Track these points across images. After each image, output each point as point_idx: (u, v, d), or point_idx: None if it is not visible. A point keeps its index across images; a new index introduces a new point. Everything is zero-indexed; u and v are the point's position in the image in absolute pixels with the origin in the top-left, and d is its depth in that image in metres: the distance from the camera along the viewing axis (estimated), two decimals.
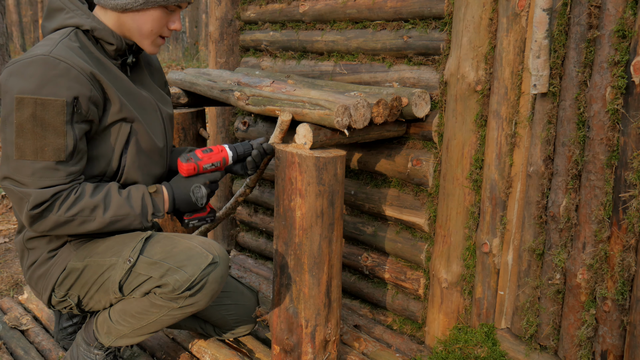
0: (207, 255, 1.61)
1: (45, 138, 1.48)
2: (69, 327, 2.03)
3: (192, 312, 1.67)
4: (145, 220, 1.64)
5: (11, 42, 20.47)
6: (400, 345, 2.22)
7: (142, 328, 1.71)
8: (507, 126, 1.89)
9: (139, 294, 1.64)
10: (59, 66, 1.48)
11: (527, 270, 1.91)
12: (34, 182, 1.49)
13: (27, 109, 1.46)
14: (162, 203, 1.67)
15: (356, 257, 2.47)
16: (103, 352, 1.83)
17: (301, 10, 2.57)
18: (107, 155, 1.63)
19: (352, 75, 2.39)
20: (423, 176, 2.15)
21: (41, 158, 1.49)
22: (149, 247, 1.64)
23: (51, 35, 1.59)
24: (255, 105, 2.12)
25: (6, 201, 4.39)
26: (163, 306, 1.63)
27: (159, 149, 1.75)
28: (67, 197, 1.52)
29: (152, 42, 1.67)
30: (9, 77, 1.49)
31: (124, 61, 1.71)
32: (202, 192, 1.71)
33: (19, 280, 2.97)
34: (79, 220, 1.55)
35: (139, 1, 1.58)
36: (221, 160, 1.79)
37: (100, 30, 1.61)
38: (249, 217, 3.02)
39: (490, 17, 1.88)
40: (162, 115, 1.78)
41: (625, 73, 1.56)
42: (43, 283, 1.71)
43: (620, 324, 1.66)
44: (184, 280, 1.58)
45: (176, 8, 1.66)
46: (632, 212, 1.58)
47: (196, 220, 1.79)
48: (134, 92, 1.69)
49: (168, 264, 1.59)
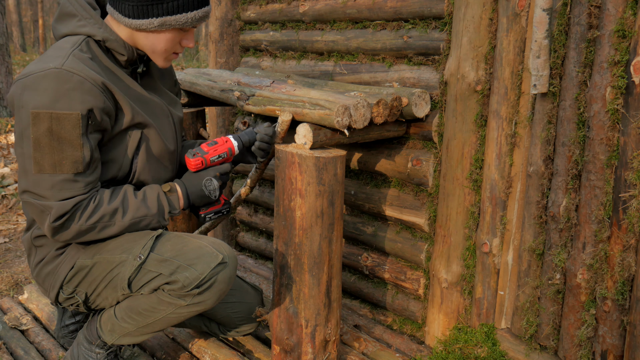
0: (217, 254, 1.62)
1: (63, 151, 1.50)
2: (70, 325, 2.04)
3: (199, 311, 1.67)
4: (163, 219, 1.67)
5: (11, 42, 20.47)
6: (400, 345, 2.22)
7: (147, 326, 1.72)
8: (507, 126, 1.89)
9: (148, 290, 1.65)
10: (72, 79, 1.49)
11: (527, 270, 1.91)
12: (54, 194, 1.51)
13: (43, 123, 1.48)
14: (177, 201, 1.70)
15: (356, 257, 2.47)
16: (104, 351, 1.84)
17: (301, 10, 2.57)
18: (119, 160, 1.66)
19: (352, 75, 2.39)
20: (423, 176, 2.15)
21: (60, 171, 1.51)
22: (160, 245, 1.65)
23: (62, 44, 1.59)
24: (255, 105, 2.12)
25: (6, 201, 4.39)
26: (171, 303, 1.64)
27: (169, 153, 1.77)
28: (87, 206, 1.55)
29: (165, 58, 1.68)
30: (23, 91, 1.50)
31: (135, 69, 1.72)
32: (214, 185, 1.74)
33: (19, 280, 2.97)
34: (100, 226, 1.58)
35: (153, 24, 1.57)
36: (227, 150, 1.81)
37: (112, 41, 1.62)
38: (249, 217, 3.02)
39: (490, 17, 1.88)
40: (173, 120, 1.81)
41: (625, 73, 1.56)
42: (51, 280, 1.73)
43: (620, 324, 1.66)
44: (194, 278, 1.58)
45: (190, 28, 1.65)
46: (632, 212, 1.58)
47: (212, 213, 1.82)
48: (146, 98, 1.71)
49: (178, 261, 1.60)
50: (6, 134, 6.81)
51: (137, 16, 1.56)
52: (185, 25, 1.60)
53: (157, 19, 1.56)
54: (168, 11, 1.55)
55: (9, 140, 6.48)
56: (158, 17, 1.56)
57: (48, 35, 21.63)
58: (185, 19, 1.58)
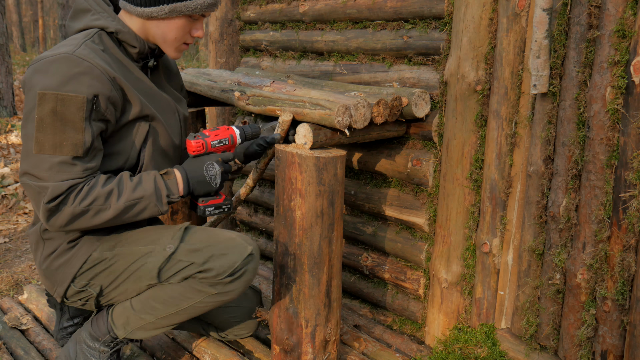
0: (246, 246, 1.68)
1: (65, 133, 1.52)
2: (69, 327, 2.03)
3: (224, 301, 1.72)
4: (160, 203, 1.64)
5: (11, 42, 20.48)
6: (400, 345, 2.22)
7: (167, 317, 1.74)
8: (507, 126, 1.89)
9: (178, 279, 1.68)
10: (82, 64, 1.53)
11: (527, 270, 1.91)
12: (52, 176, 1.52)
13: (48, 104, 1.50)
14: (176, 185, 1.67)
15: (356, 257, 2.47)
16: (109, 349, 1.83)
17: (301, 10, 2.57)
18: (126, 151, 1.68)
19: (352, 75, 2.39)
20: (423, 176, 2.15)
21: (59, 153, 1.52)
22: (189, 236, 1.70)
23: (75, 35, 1.65)
24: (255, 105, 2.12)
25: (6, 201, 4.39)
26: (200, 291, 1.67)
27: (175, 148, 1.81)
28: (82, 189, 1.55)
29: (175, 48, 1.74)
30: (33, 74, 1.54)
31: (145, 64, 1.76)
32: (216, 170, 1.72)
33: (19, 280, 2.97)
34: (94, 209, 1.56)
35: (164, 10, 1.64)
36: (229, 137, 1.81)
37: (124, 33, 1.67)
38: (249, 217, 3.02)
39: (490, 17, 1.88)
40: (179, 117, 1.84)
41: (625, 73, 1.56)
42: (62, 273, 1.72)
43: (620, 324, 1.66)
44: (228, 266, 1.64)
45: (200, 16, 1.71)
46: (632, 212, 1.58)
47: (212, 207, 1.78)
48: (154, 92, 1.74)
49: (211, 251, 1.65)
50: (6, 134, 6.81)
51: (148, 4, 1.63)
52: (195, 11, 1.66)
53: (167, 5, 1.63)
54: None
55: (9, 140, 6.48)
56: (169, 3, 1.63)
57: (48, 35, 21.61)
58: (194, 5, 1.64)
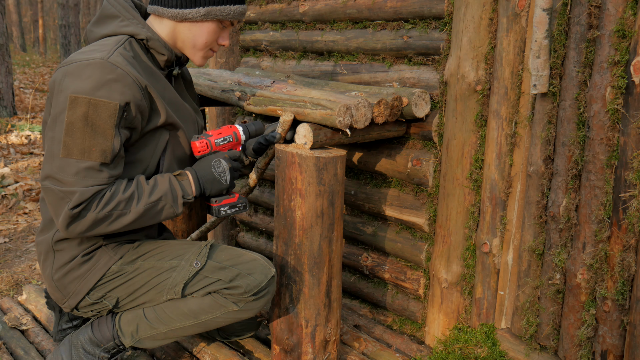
0: (270, 268, 1.75)
1: (94, 139, 1.51)
2: (68, 329, 2.02)
3: (241, 318, 1.77)
4: (176, 205, 1.66)
5: (11, 42, 20.47)
6: (400, 345, 2.22)
7: (182, 329, 1.76)
8: (507, 126, 1.89)
9: (202, 293, 1.71)
10: (116, 71, 1.52)
11: (527, 270, 1.91)
12: (78, 181, 1.51)
13: (80, 108, 1.49)
14: (189, 185, 1.69)
15: (356, 257, 2.47)
16: (109, 355, 1.83)
17: (301, 10, 2.57)
18: (146, 159, 1.68)
19: (352, 75, 2.39)
20: (423, 176, 2.15)
21: (87, 158, 1.51)
22: (215, 254, 1.74)
23: (105, 41, 1.62)
24: (256, 105, 2.12)
25: (6, 201, 4.39)
26: (222, 306, 1.71)
27: (192, 157, 1.81)
28: (104, 195, 1.55)
29: (203, 55, 1.75)
30: (64, 77, 1.53)
31: (170, 72, 1.78)
32: (223, 166, 1.73)
33: (19, 280, 2.97)
34: (115, 215, 1.57)
35: (200, 12, 1.66)
36: (232, 134, 1.82)
37: (154, 40, 1.67)
38: (249, 217, 3.02)
39: (490, 17, 1.88)
40: (198, 127, 1.86)
41: (625, 73, 1.56)
42: (77, 285, 1.72)
43: (620, 324, 1.67)
44: (254, 285, 1.70)
45: (229, 25, 1.74)
46: (632, 212, 1.58)
47: (227, 207, 1.79)
48: (178, 101, 1.76)
49: (238, 269, 1.70)
50: (6, 134, 6.81)
51: (184, 6, 1.65)
52: (228, 17, 1.69)
53: (203, 8, 1.65)
54: (214, 1, 1.65)
55: (9, 140, 6.48)
56: (205, 6, 1.65)
57: (48, 36, 21.60)
58: (228, 10, 1.68)
